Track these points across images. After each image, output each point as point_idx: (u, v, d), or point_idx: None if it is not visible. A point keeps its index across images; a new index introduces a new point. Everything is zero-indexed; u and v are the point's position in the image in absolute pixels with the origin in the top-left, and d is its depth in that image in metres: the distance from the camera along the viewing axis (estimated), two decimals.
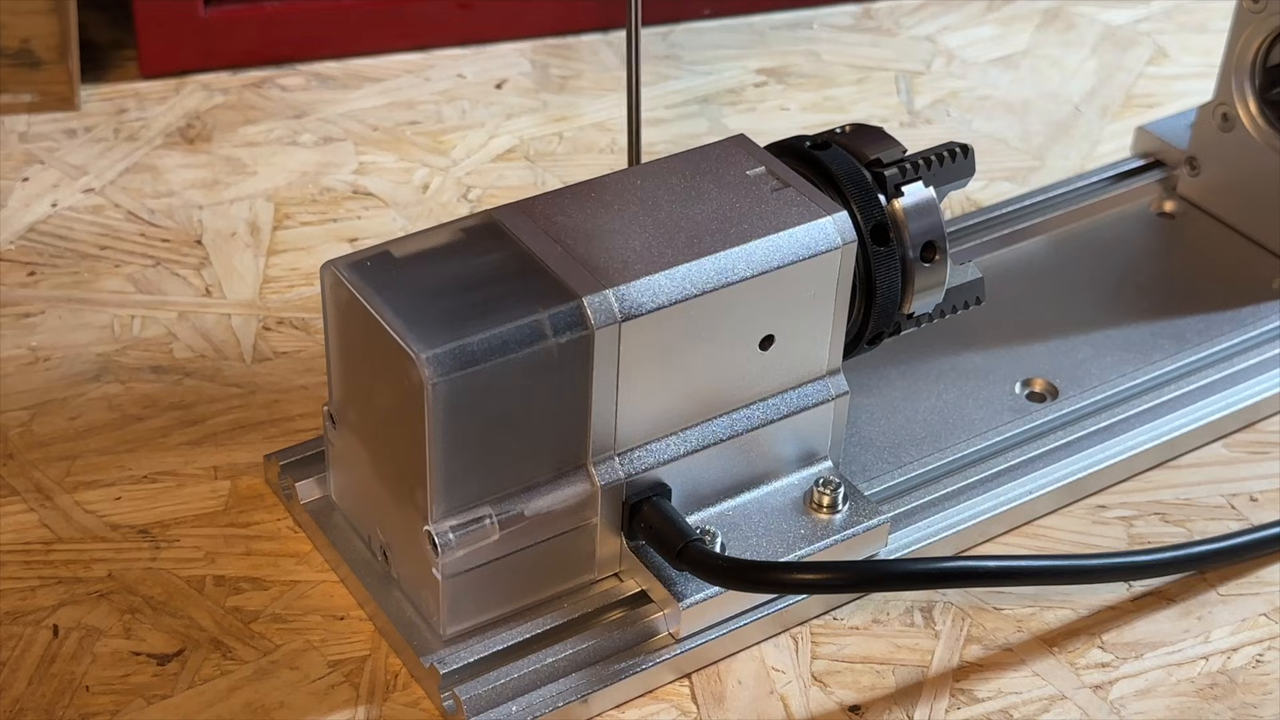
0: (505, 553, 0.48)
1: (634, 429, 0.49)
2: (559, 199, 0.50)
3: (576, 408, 0.47)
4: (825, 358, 0.51)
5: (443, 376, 0.44)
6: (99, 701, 0.48)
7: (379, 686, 0.49)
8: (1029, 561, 0.51)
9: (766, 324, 0.49)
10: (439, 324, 0.45)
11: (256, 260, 0.66)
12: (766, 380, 0.51)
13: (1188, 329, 0.62)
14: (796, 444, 0.52)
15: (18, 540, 0.53)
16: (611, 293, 0.46)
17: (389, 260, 0.47)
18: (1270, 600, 0.53)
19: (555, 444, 0.47)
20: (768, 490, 0.52)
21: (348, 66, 0.78)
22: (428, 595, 0.48)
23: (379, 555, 0.51)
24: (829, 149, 0.51)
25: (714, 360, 0.49)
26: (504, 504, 0.47)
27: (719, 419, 0.50)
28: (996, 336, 0.61)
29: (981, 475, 0.56)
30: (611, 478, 0.48)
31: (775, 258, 0.48)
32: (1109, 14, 0.84)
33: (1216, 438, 0.59)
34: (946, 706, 0.50)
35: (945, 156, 0.51)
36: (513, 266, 0.47)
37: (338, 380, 0.50)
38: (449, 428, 0.45)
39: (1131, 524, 0.56)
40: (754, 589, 0.49)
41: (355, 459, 0.50)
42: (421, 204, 0.69)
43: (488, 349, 0.45)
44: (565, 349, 0.46)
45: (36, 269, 0.65)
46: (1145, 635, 0.52)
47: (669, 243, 0.48)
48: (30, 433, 0.57)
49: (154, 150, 0.72)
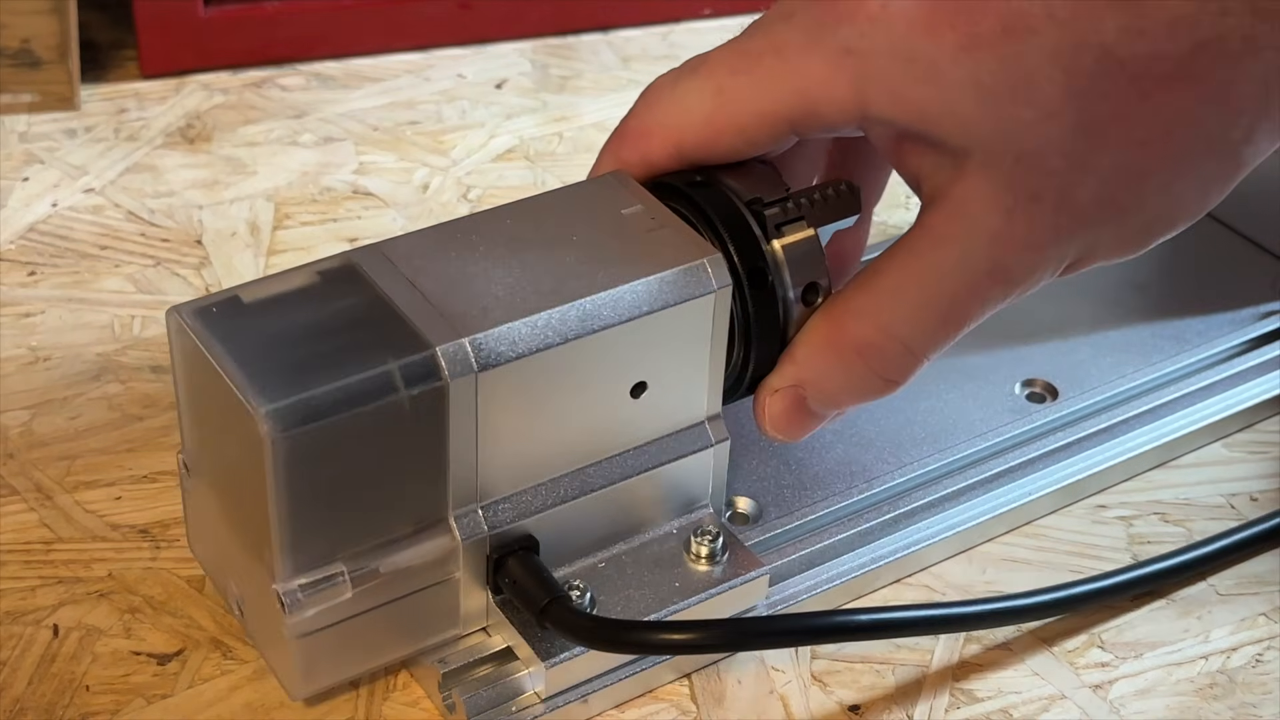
0: (361, 610, 0.46)
1: (498, 481, 0.46)
2: (422, 241, 0.47)
3: (434, 461, 0.45)
4: (703, 404, 0.49)
5: (284, 432, 0.42)
6: (99, 701, 0.48)
7: (379, 686, 0.49)
8: (905, 613, 0.49)
9: (638, 371, 0.47)
10: (283, 376, 0.43)
11: (257, 260, 0.66)
12: (640, 428, 0.48)
13: (1188, 329, 0.62)
14: (674, 492, 0.50)
15: (18, 540, 0.53)
16: (468, 341, 0.44)
17: (236, 306, 0.45)
18: (1270, 600, 0.53)
19: (413, 498, 0.45)
20: (645, 540, 0.50)
21: (348, 66, 0.78)
22: (280, 655, 0.46)
23: (236, 610, 0.49)
24: (708, 188, 0.49)
25: (582, 409, 0.47)
26: (358, 560, 0.45)
27: (590, 468, 0.48)
28: (996, 336, 0.61)
29: (981, 475, 0.56)
30: (474, 531, 0.46)
31: (645, 303, 0.46)
32: None
33: (1216, 438, 0.59)
34: (946, 706, 0.50)
35: (830, 195, 0.49)
36: (366, 314, 0.45)
37: (188, 429, 0.47)
38: (294, 484, 0.43)
39: (1131, 524, 0.56)
40: (616, 649, 0.47)
41: (209, 510, 0.48)
42: (421, 204, 0.69)
43: (334, 402, 0.42)
44: (418, 401, 0.43)
45: (36, 269, 0.65)
46: (1145, 635, 0.52)
47: (534, 288, 0.45)
48: (30, 433, 0.57)
49: (154, 150, 0.72)
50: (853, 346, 0.47)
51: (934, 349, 0.47)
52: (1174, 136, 0.44)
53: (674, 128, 0.48)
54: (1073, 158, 0.44)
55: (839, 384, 0.48)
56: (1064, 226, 0.45)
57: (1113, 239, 0.46)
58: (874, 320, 0.47)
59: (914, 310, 0.46)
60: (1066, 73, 0.43)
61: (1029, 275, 0.46)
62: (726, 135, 0.47)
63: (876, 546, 0.53)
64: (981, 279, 0.46)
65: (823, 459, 0.56)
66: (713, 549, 0.50)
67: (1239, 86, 0.43)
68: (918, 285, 0.46)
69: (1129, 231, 0.46)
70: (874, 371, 0.47)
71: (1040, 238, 0.45)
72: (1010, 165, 0.44)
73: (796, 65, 0.46)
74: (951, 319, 0.47)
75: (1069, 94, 0.43)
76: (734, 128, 0.47)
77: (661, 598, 0.49)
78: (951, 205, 0.45)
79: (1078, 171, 0.44)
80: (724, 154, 0.48)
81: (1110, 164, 0.44)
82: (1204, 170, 0.45)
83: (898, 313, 0.47)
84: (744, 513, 0.54)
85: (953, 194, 0.45)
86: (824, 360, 0.48)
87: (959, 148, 0.44)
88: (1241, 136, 0.44)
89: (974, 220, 0.45)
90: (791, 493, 0.54)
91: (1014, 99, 0.43)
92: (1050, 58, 0.43)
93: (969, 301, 0.46)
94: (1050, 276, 0.47)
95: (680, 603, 0.49)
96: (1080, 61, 0.42)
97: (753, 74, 0.46)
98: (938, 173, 0.45)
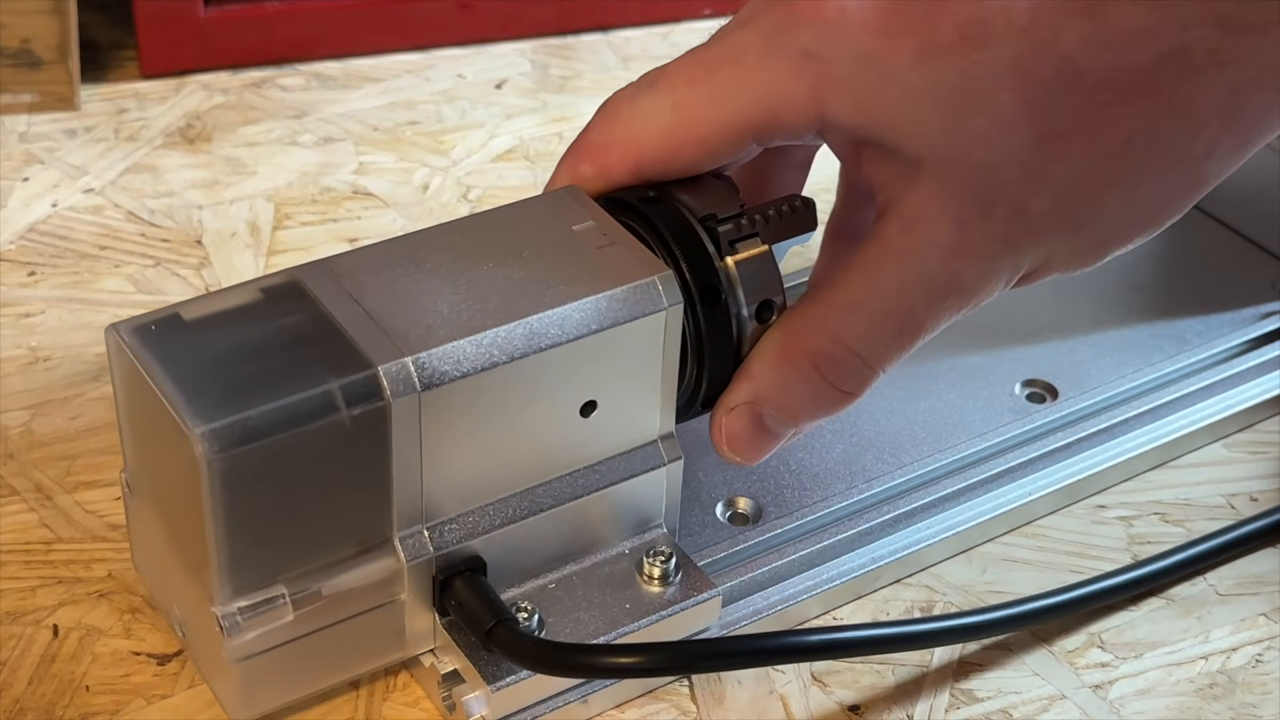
0: (304, 632, 0.45)
1: (444, 501, 0.46)
2: (368, 257, 0.46)
3: (377, 481, 0.44)
4: (655, 423, 0.49)
5: (220, 453, 0.41)
6: (99, 701, 0.48)
7: (379, 686, 0.49)
8: (854, 633, 0.49)
9: (587, 390, 0.46)
10: (220, 396, 0.42)
11: (257, 260, 0.66)
12: (591, 447, 0.48)
13: (1187, 330, 0.62)
14: (626, 512, 0.49)
15: (18, 540, 0.53)
16: (411, 360, 0.43)
17: (176, 324, 0.44)
18: (1270, 600, 0.53)
19: (356, 518, 0.45)
20: (597, 560, 0.50)
21: (348, 66, 0.78)
22: (220, 678, 0.46)
23: (180, 632, 0.48)
24: (661, 204, 0.48)
25: (530, 428, 0.46)
26: (300, 582, 0.44)
27: (539, 488, 0.47)
28: (996, 336, 0.61)
29: (981, 476, 0.56)
30: (420, 552, 0.46)
31: (594, 321, 0.45)
32: None
33: (1216, 438, 0.59)
34: (946, 706, 0.50)
35: (785, 211, 0.49)
36: (309, 332, 0.44)
37: (130, 448, 0.47)
38: (231, 505, 0.42)
39: (1131, 524, 0.56)
40: (560, 673, 0.46)
41: (151, 531, 0.47)
42: (421, 204, 0.69)
43: (272, 423, 0.42)
44: (359, 421, 0.43)
45: (36, 269, 0.65)
46: (1145, 635, 0.52)
47: (480, 305, 0.45)
48: (30, 433, 0.57)
49: (154, 150, 0.72)
50: (809, 359, 0.47)
51: (890, 360, 0.47)
52: (1133, 149, 0.43)
53: (632, 143, 0.47)
54: (1028, 168, 0.43)
55: (796, 398, 0.47)
56: (1018, 237, 0.44)
57: (1068, 250, 0.46)
58: (830, 333, 0.46)
59: (870, 322, 0.46)
60: (1025, 82, 0.42)
61: (983, 286, 0.46)
62: (686, 149, 0.47)
63: (876, 546, 0.53)
64: (937, 291, 0.45)
65: (823, 459, 0.56)
66: (665, 570, 0.49)
67: (1202, 100, 0.42)
68: (872, 298, 0.46)
69: (1085, 243, 0.46)
70: (830, 384, 0.47)
71: (993, 249, 0.45)
72: (964, 175, 0.43)
73: (755, 73, 0.45)
74: (908, 330, 0.46)
75: (1026, 104, 0.42)
76: (694, 140, 0.47)
77: (612, 619, 0.48)
78: (905, 216, 0.45)
79: (1033, 182, 0.43)
80: (684, 167, 0.47)
81: (1067, 175, 0.43)
82: (1164, 184, 0.44)
83: (854, 326, 0.46)
84: (744, 513, 0.54)
85: (906, 204, 0.44)
86: (780, 373, 0.47)
87: (913, 156, 0.44)
88: (1203, 151, 0.44)
89: (928, 233, 0.44)
90: (791, 493, 0.54)
91: (970, 108, 0.43)
92: (1008, 67, 0.42)
93: (924, 313, 0.46)
94: (1004, 286, 0.46)
95: (631, 624, 0.48)
96: (1039, 71, 0.42)
97: (711, 85, 0.46)
98: (893, 182, 0.45)
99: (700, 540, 0.52)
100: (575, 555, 0.49)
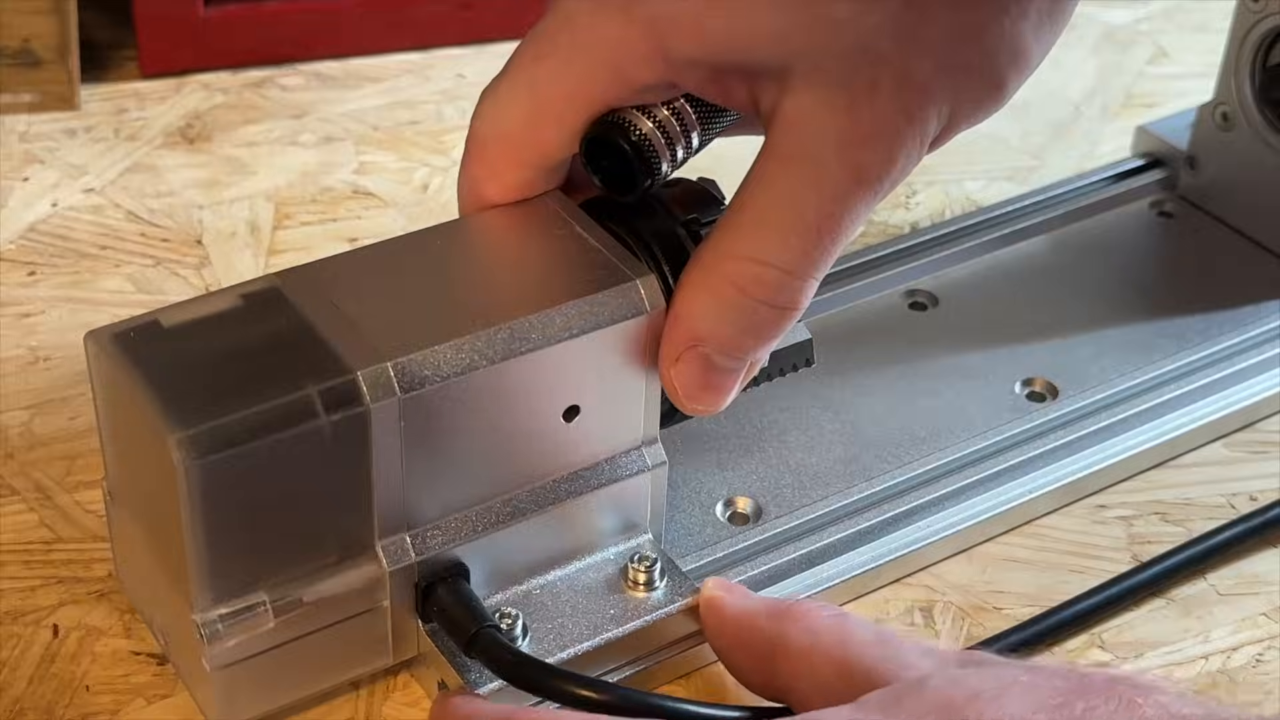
0: (285, 640, 0.45)
1: (426, 506, 0.45)
2: (349, 262, 0.46)
3: (357, 487, 0.44)
4: (639, 427, 0.48)
5: (198, 459, 0.41)
6: (99, 701, 0.48)
7: (379, 686, 0.49)
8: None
9: (570, 394, 0.46)
10: (198, 402, 0.42)
11: (257, 260, 0.66)
12: (573, 453, 0.48)
13: (1188, 329, 0.62)
14: (611, 517, 0.49)
15: (18, 540, 0.53)
16: (390, 365, 0.43)
17: (155, 331, 0.44)
18: (1270, 600, 0.53)
19: (337, 525, 0.44)
20: (581, 566, 0.49)
21: (348, 66, 0.78)
22: (201, 686, 0.46)
23: (161, 640, 0.48)
24: (645, 207, 0.48)
25: (513, 433, 0.46)
26: (281, 589, 0.44)
27: (522, 493, 0.47)
28: (996, 336, 0.61)
29: (981, 475, 0.56)
30: (402, 559, 0.45)
31: (575, 326, 0.45)
32: (1109, 14, 0.84)
33: (1217, 437, 0.59)
34: None
35: None
36: (288, 338, 0.44)
37: (110, 455, 0.47)
38: (210, 512, 0.42)
39: (1131, 523, 0.56)
40: (533, 692, 0.46)
41: (132, 539, 0.47)
42: (422, 204, 0.69)
43: (251, 429, 0.41)
44: (339, 427, 0.42)
45: (36, 269, 0.65)
46: (1145, 635, 0.52)
47: (461, 310, 0.45)
48: (30, 433, 0.57)
49: (154, 150, 0.72)
50: (731, 285, 0.45)
51: (815, 265, 0.45)
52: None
53: (502, 136, 0.47)
54: (902, 35, 0.42)
55: (732, 327, 0.46)
56: (912, 105, 0.43)
57: (969, 100, 0.45)
58: (744, 254, 0.45)
59: (782, 235, 0.44)
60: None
61: (891, 164, 0.44)
62: (548, 130, 0.46)
63: (876, 546, 0.53)
64: (841, 184, 0.44)
65: (823, 458, 0.56)
66: (650, 575, 0.49)
67: None
68: (778, 209, 0.44)
69: (982, 88, 0.45)
70: (761, 302, 0.45)
71: (890, 124, 0.43)
72: (835, 65, 0.42)
73: (588, 34, 0.44)
74: (824, 232, 0.44)
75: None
76: (551, 118, 0.46)
77: (595, 625, 0.48)
78: (788, 122, 0.44)
79: (911, 45, 0.43)
80: (556, 148, 0.47)
81: (942, 29, 0.43)
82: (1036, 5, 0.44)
83: (765, 240, 0.44)
84: (744, 512, 0.54)
85: (786, 111, 0.43)
86: (708, 307, 0.45)
87: (778, 67, 0.43)
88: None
89: (815, 130, 0.43)
90: (791, 492, 0.54)
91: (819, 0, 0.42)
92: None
93: (835, 210, 0.44)
94: (918, 156, 0.45)
95: (615, 630, 0.48)
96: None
97: (554, 56, 0.45)
98: (765, 96, 0.44)
99: (700, 540, 0.52)
100: (560, 561, 0.49)
